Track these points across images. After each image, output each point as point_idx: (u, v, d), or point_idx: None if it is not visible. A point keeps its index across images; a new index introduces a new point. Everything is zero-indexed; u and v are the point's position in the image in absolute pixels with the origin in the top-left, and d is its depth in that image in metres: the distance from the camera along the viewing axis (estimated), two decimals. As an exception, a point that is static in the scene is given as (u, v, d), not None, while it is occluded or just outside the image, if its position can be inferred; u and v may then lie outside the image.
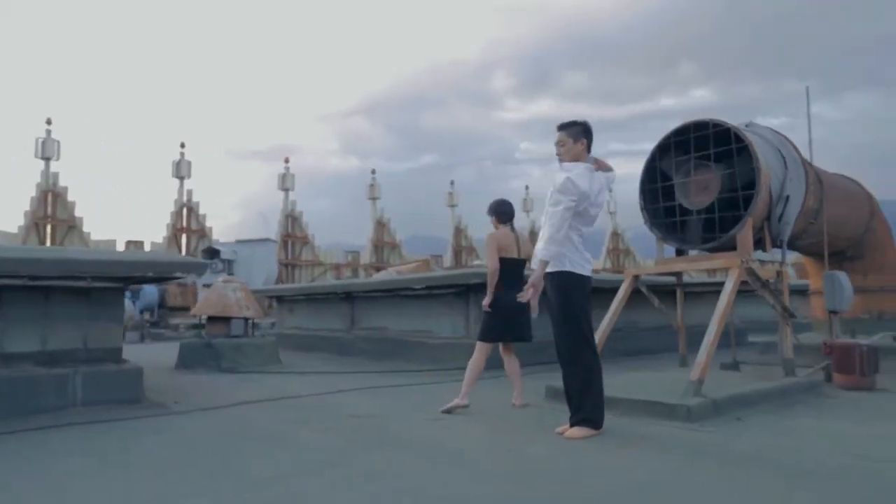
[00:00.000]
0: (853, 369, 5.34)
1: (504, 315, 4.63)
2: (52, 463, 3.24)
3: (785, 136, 5.69)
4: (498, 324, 4.66)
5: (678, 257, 5.70)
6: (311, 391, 5.57)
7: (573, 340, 3.70)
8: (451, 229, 26.33)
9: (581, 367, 3.69)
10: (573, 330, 3.69)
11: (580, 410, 3.70)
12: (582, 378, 3.69)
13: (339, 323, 9.50)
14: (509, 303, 4.52)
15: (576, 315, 3.69)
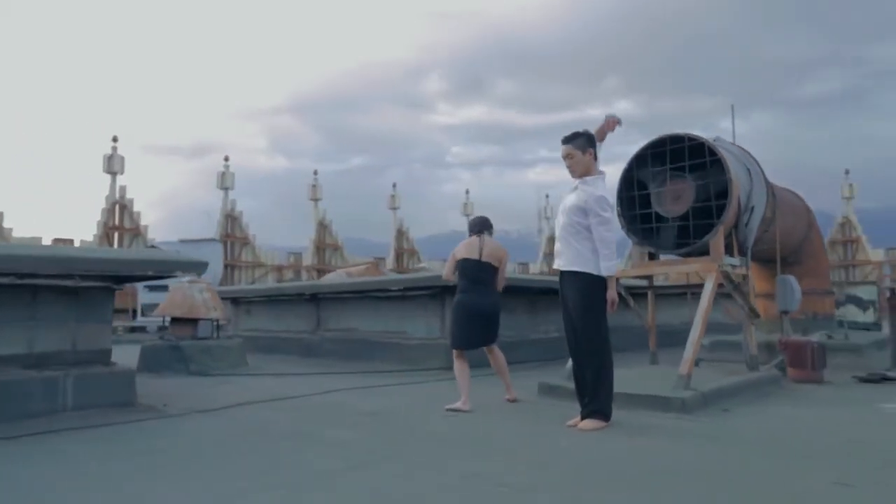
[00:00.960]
0: (806, 364, 5.91)
1: (464, 320, 4.83)
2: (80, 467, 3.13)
3: (748, 152, 6.20)
4: (461, 330, 4.84)
5: (654, 261, 6.09)
6: (304, 392, 5.55)
7: (595, 336, 3.94)
8: (393, 232, 26.32)
9: (599, 361, 3.94)
10: (595, 326, 3.93)
11: (593, 402, 3.94)
12: (598, 371, 3.93)
13: (304, 324, 9.40)
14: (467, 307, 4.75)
15: (598, 313, 3.93)
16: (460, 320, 4.81)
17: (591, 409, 3.94)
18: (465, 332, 4.80)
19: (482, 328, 4.82)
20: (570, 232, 3.98)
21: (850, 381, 6.02)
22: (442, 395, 5.62)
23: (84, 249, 4.33)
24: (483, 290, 4.85)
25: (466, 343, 4.83)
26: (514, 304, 8.26)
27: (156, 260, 4.32)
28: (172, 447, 3.52)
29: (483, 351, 5.04)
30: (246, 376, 6.96)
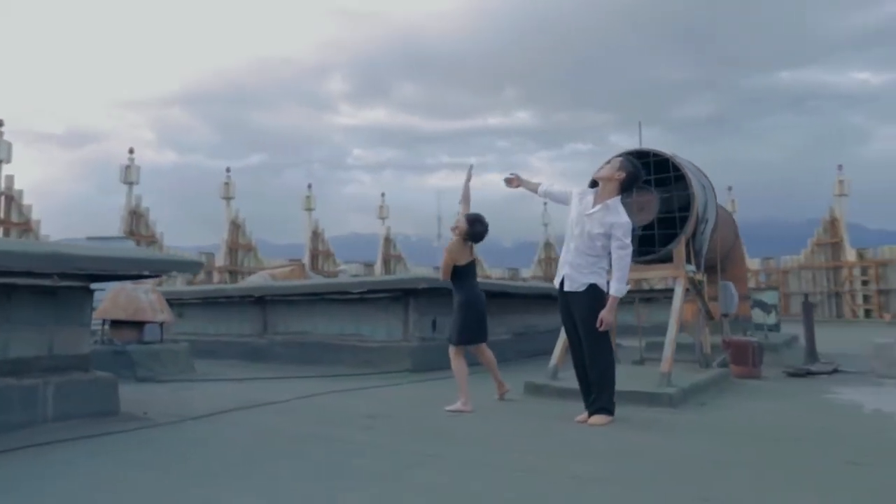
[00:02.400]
0: (747, 362, 6.55)
1: (480, 316, 5.01)
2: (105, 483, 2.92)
3: (699, 168, 6.79)
4: (478, 325, 5.02)
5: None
6: (284, 396, 5.37)
7: (603, 342, 4.20)
8: (308, 233, 25.72)
9: (604, 363, 4.20)
10: (603, 334, 4.18)
11: (599, 400, 4.19)
12: (603, 373, 4.19)
13: (248, 328, 9.03)
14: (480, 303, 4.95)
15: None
16: (476, 316, 4.91)
17: (597, 405, 4.19)
18: (481, 327, 4.93)
19: (486, 324, 4.99)
20: (588, 246, 4.20)
21: (781, 376, 6.76)
22: (427, 396, 5.70)
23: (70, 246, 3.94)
24: (480, 290, 5.06)
25: (483, 336, 4.98)
26: (468, 307, 8.45)
27: (151, 259, 4.06)
28: (195, 456, 3.35)
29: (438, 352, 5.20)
30: (203, 382, 6.61)
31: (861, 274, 24.69)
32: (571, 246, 4.29)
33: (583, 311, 4.18)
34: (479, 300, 5.02)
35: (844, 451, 3.43)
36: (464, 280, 5.01)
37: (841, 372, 7.07)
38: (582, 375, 4.35)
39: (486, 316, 5.04)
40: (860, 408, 4.79)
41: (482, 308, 5.02)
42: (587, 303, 4.16)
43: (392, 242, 28.80)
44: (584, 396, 4.35)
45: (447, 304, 8.09)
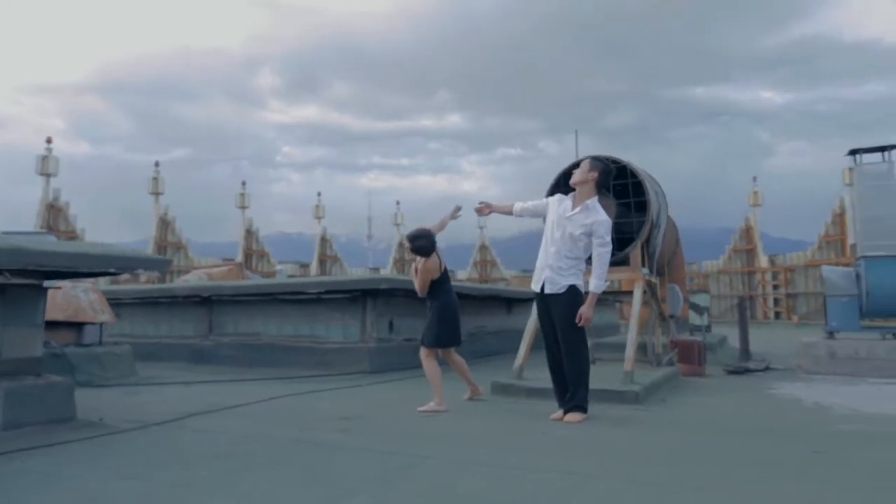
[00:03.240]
0: (693, 360, 6.92)
1: (456, 320, 5.06)
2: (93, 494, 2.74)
3: (652, 176, 7.10)
4: (454, 329, 5.05)
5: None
6: (244, 400, 5.18)
7: (580, 343, 4.32)
8: (242, 231, 24.90)
9: (580, 363, 4.32)
10: (581, 335, 4.31)
11: (575, 397, 4.31)
12: (579, 372, 4.31)
13: (192, 329, 8.66)
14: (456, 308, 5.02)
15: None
16: (452, 321, 4.96)
17: (573, 403, 4.31)
18: (456, 332, 4.99)
19: (460, 328, 5.05)
20: (570, 248, 4.31)
21: (722, 373, 7.17)
22: (393, 397, 5.67)
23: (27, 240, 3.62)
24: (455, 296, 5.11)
25: (458, 340, 5.05)
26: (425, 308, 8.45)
27: (117, 255, 3.82)
28: (173, 464, 3.20)
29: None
30: (151, 386, 6.29)
31: (772, 279, 26.53)
32: (552, 250, 4.39)
33: (562, 311, 4.29)
34: (455, 305, 5.06)
35: (807, 441, 3.70)
36: (439, 286, 5.03)
37: (772, 369, 7.58)
38: (557, 375, 4.46)
39: (459, 320, 5.08)
40: (801, 402, 5.17)
41: (457, 313, 5.06)
42: (567, 303, 4.27)
43: (329, 243, 28.34)
44: (557, 395, 4.46)
45: (405, 304, 8.14)
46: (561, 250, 4.34)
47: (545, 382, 5.55)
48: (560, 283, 4.32)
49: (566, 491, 2.72)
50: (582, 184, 4.47)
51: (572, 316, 4.25)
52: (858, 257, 7.21)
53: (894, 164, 7.12)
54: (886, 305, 7.03)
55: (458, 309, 5.08)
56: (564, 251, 4.33)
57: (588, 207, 4.37)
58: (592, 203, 4.39)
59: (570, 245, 4.31)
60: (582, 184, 4.47)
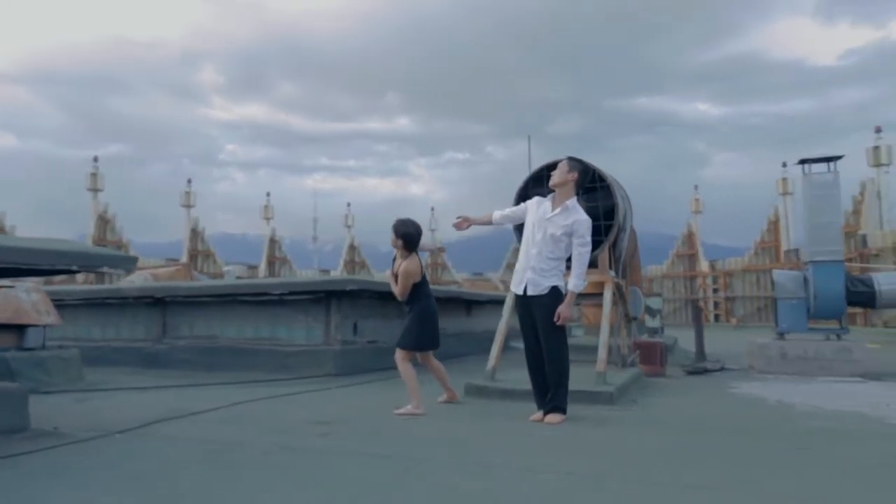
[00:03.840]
0: (656, 361, 7.09)
1: (435, 323, 5.02)
2: None
3: (618, 181, 7.25)
4: (433, 332, 5.01)
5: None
6: (207, 406, 4.91)
7: (561, 345, 4.35)
8: (187, 231, 23.99)
9: (563, 362, 4.34)
10: (562, 337, 4.35)
11: (555, 398, 4.33)
12: (562, 371, 4.33)
13: (144, 332, 8.24)
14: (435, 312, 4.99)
15: (562, 325, 4.36)
16: (431, 325, 4.91)
17: (553, 404, 4.32)
18: (434, 336, 4.95)
19: (438, 332, 5.01)
20: (552, 249, 4.33)
21: (681, 373, 7.38)
22: (367, 399, 5.56)
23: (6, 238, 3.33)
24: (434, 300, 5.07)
25: (436, 344, 5.01)
26: (388, 310, 8.36)
27: (81, 252, 3.58)
28: (153, 475, 3.01)
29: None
30: (103, 392, 5.94)
31: (713, 283, 27.65)
32: (533, 252, 4.40)
33: (544, 312, 4.30)
34: (435, 310, 5.01)
35: (783, 439, 3.85)
36: (419, 290, 4.95)
37: (727, 369, 7.86)
38: (536, 377, 4.47)
39: (438, 324, 5.04)
40: (765, 400, 5.37)
41: (437, 317, 5.01)
42: (549, 304, 4.29)
43: (277, 244, 27.69)
44: (537, 397, 4.47)
45: (368, 306, 8.01)
46: (542, 251, 4.36)
47: (518, 384, 5.58)
48: (542, 285, 4.33)
49: (571, 491, 2.71)
50: (561, 185, 4.50)
51: (553, 317, 4.27)
52: (807, 262, 7.57)
53: (839, 175, 7.51)
54: (832, 308, 7.41)
55: (437, 313, 5.03)
56: (546, 252, 4.35)
57: (568, 208, 4.41)
58: (572, 203, 4.43)
59: (552, 246, 4.34)
60: (561, 185, 4.50)
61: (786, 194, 25.80)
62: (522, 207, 4.74)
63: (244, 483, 2.83)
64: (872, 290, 7.35)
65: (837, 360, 7.11)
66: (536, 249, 4.39)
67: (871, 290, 7.35)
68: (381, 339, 8.16)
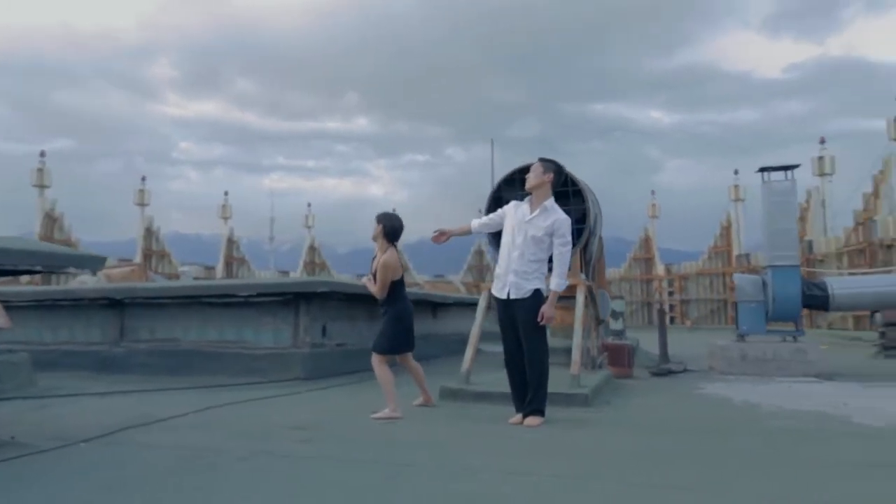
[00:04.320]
0: (623, 363, 7.22)
1: (410, 326, 5.00)
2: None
3: (588, 186, 7.35)
4: (408, 334, 4.99)
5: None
6: (174, 411, 4.74)
7: (542, 347, 4.38)
8: (141, 230, 23.18)
9: (544, 364, 4.38)
10: (543, 340, 4.38)
11: (535, 401, 4.35)
12: (542, 373, 4.36)
13: (100, 335, 7.91)
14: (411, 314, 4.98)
15: (544, 328, 4.41)
16: (406, 325, 4.87)
17: (532, 407, 4.35)
18: (409, 338, 4.91)
19: (413, 334, 4.98)
20: (534, 251, 4.36)
21: (646, 375, 7.54)
22: (341, 403, 5.48)
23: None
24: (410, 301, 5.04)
25: (411, 346, 4.99)
26: (355, 312, 8.26)
27: (45, 252, 3.40)
28: (131, 487, 2.88)
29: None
30: (58, 398, 5.66)
31: (668, 286, 28.39)
32: (514, 255, 4.41)
33: (527, 314, 4.32)
34: (411, 312, 4.98)
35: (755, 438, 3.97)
36: (397, 291, 4.91)
37: (689, 370, 8.07)
38: (515, 379, 4.48)
39: (413, 326, 5.01)
40: (731, 400, 5.53)
41: (412, 318, 4.97)
42: (531, 307, 4.32)
43: (235, 244, 27.06)
44: (515, 399, 4.48)
45: (337, 308, 7.89)
46: (525, 254, 4.38)
47: (493, 386, 5.59)
48: (525, 288, 4.35)
49: (554, 493, 2.72)
50: (538, 187, 4.55)
51: (535, 319, 4.29)
52: (766, 266, 7.85)
53: (796, 183, 7.81)
54: (789, 310, 7.69)
55: (412, 314, 5.00)
56: (528, 255, 4.37)
57: (547, 209, 4.45)
58: (550, 204, 4.49)
59: (534, 248, 4.37)
60: (538, 187, 4.55)
61: (738, 200, 26.71)
62: (500, 213, 4.76)
63: (227, 491, 2.74)
64: (826, 294, 7.66)
65: (794, 360, 7.38)
66: (518, 252, 4.40)
67: (825, 293, 7.66)
68: (350, 341, 8.06)
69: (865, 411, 4.88)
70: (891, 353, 10.90)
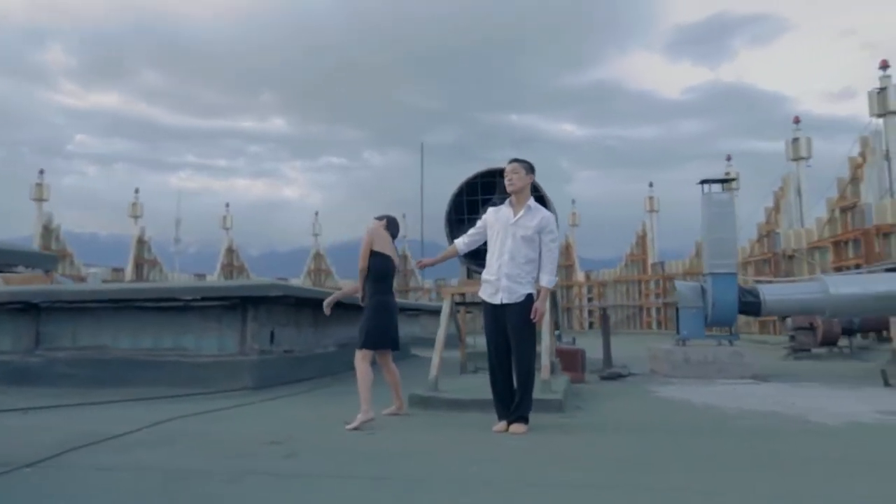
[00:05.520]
0: (577, 368, 7.31)
1: (394, 320, 4.84)
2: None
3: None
4: (393, 331, 4.83)
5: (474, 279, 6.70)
6: (118, 428, 4.19)
7: (531, 352, 4.33)
8: (38, 228, 21.17)
9: (532, 369, 4.32)
10: (532, 344, 4.34)
11: (521, 407, 4.27)
12: (527, 383, 4.29)
13: (9, 343, 7.06)
14: (394, 307, 4.83)
15: (533, 331, 4.35)
16: (387, 321, 4.65)
17: (518, 414, 4.26)
18: (393, 333, 4.73)
19: (397, 332, 4.78)
20: (525, 253, 4.29)
21: (595, 379, 7.68)
22: (304, 414, 5.18)
23: None
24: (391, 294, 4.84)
25: (394, 343, 4.80)
26: (302, 318, 7.90)
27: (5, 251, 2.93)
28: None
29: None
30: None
31: (588, 292, 29.43)
32: (505, 259, 4.33)
33: (518, 319, 4.25)
34: (392, 307, 4.78)
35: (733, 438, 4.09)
36: (382, 285, 4.69)
37: (634, 374, 8.31)
38: (498, 386, 4.38)
39: (395, 322, 4.80)
40: (691, 402, 5.71)
41: (394, 316, 4.79)
42: (523, 311, 4.26)
43: (147, 245, 25.34)
44: (499, 407, 4.38)
45: (284, 314, 7.50)
46: (515, 256, 4.31)
47: (462, 394, 5.47)
48: (519, 293, 4.28)
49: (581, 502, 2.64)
50: (524, 188, 4.51)
51: (527, 324, 4.24)
52: (705, 274, 8.23)
53: (734, 194, 8.25)
54: (726, 316, 8.11)
55: (394, 310, 4.80)
56: (518, 257, 4.31)
57: (531, 208, 4.44)
58: (533, 203, 4.49)
59: (525, 248, 4.32)
60: (524, 188, 4.51)
61: (652, 212, 28.14)
62: (481, 224, 4.66)
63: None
64: (759, 301, 8.14)
65: (732, 363, 7.78)
66: (508, 255, 4.33)
67: (758, 300, 8.14)
68: (297, 348, 7.68)
69: (816, 411, 5.17)
70: (799, 355, 11.80)
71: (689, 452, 3.68)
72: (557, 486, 2.86)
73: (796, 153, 20.66)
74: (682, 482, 2.98)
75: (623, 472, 3.15)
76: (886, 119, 16.52)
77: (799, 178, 20.62)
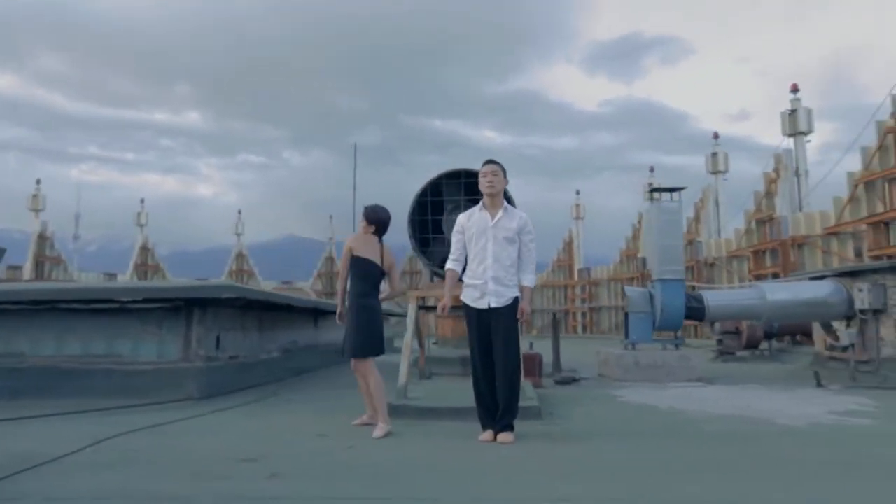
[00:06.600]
0: (535, 372, 7.25)
1: (380, 325, 4.64)
2: None
3: (508, 194, 7.31)
4: (380, 336, 4.62)
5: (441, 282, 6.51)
6: (63, 448, 3.67)
7: (517, 357, 4.21)
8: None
9: (517, 376, 4.18)
10: (518, 349, 4.23)
11: (507, 416, 4.12)
12: (513, 390, 4.15)
13: None
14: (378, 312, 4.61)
15: (518, 335, 4.23)
16: (378, 324, 4.42)
17: (505, 422, 4.11)
18: (381, 338, 4.47)
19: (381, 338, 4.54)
20: (507, 254, 4.19)
21: (551, 384, 7.66)
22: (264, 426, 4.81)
23: None
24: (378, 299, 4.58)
25: (382, 349, 4.56)
26: (246, 321, 7.39)
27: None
28: None
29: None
30: None
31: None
32: (489, 262, 4.18)
33: (506, 323, 4.14)
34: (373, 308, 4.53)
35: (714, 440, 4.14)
36: (361, 285, 4.43)
37: (583, 378, 8.37)
38: (482, 395, 4.21)
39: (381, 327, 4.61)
40: (657, 407, 5.76)
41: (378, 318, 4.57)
42: (512, 314, 4.15)
43: (49, 241, 23.26)
44: (483, 416, 4.21)
45: (230, 317, 6.98)
46: (500, 258, 4.18)
47: (432, 401, 5.28)
48: (506, 296, 4.15)
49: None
50: (500, 192, 4.40)
51: (515, 326, 4.15)
52: (654, 279, 8.43)
53: (683, 203, 8.52)
54: (673, 321, 8.33)
55: (377, 312, 4.58)
56: (503, 258, 4.19)
57: (508, 209, 4.37)
58: (507, 205, 4.42)
59: (508, 249, 4.21)
60: (500, 192, 4.40)
61: (578, 219, 28.98)
62: (460, 237, 4.43)
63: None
64: (703, 306, 8.42)
65: (680, 367, 7.99)
66: (492, 258, 4.18)
67: (702, 305, 8.42)
68: (243, 353, 7.17)
69: (776, 412, 5.35)
70: (727, 358, 12.40)
71: (688, 459, 3.65)
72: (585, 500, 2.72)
73: (715, 167, 21.91)
74: (698, 491, 2.91)
75: (633, 482, 3.05)
76: (796, 139, 17.84)
77: (717, 191, 21.88)
